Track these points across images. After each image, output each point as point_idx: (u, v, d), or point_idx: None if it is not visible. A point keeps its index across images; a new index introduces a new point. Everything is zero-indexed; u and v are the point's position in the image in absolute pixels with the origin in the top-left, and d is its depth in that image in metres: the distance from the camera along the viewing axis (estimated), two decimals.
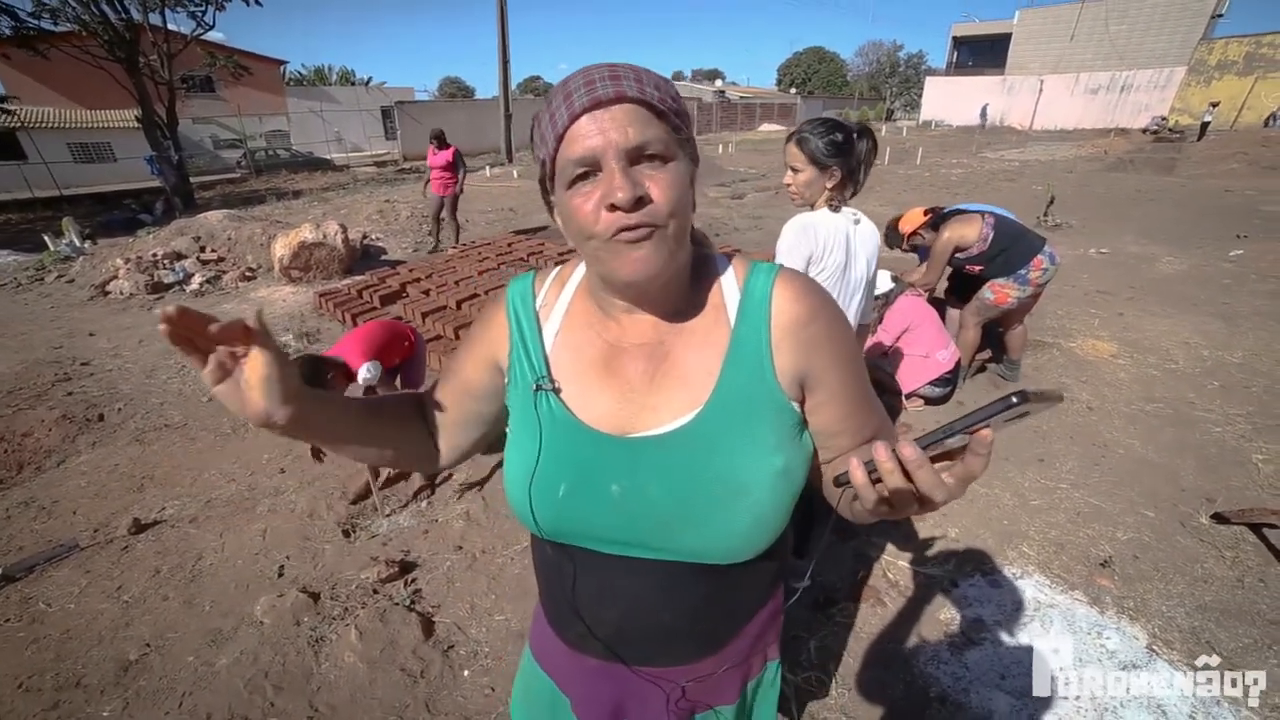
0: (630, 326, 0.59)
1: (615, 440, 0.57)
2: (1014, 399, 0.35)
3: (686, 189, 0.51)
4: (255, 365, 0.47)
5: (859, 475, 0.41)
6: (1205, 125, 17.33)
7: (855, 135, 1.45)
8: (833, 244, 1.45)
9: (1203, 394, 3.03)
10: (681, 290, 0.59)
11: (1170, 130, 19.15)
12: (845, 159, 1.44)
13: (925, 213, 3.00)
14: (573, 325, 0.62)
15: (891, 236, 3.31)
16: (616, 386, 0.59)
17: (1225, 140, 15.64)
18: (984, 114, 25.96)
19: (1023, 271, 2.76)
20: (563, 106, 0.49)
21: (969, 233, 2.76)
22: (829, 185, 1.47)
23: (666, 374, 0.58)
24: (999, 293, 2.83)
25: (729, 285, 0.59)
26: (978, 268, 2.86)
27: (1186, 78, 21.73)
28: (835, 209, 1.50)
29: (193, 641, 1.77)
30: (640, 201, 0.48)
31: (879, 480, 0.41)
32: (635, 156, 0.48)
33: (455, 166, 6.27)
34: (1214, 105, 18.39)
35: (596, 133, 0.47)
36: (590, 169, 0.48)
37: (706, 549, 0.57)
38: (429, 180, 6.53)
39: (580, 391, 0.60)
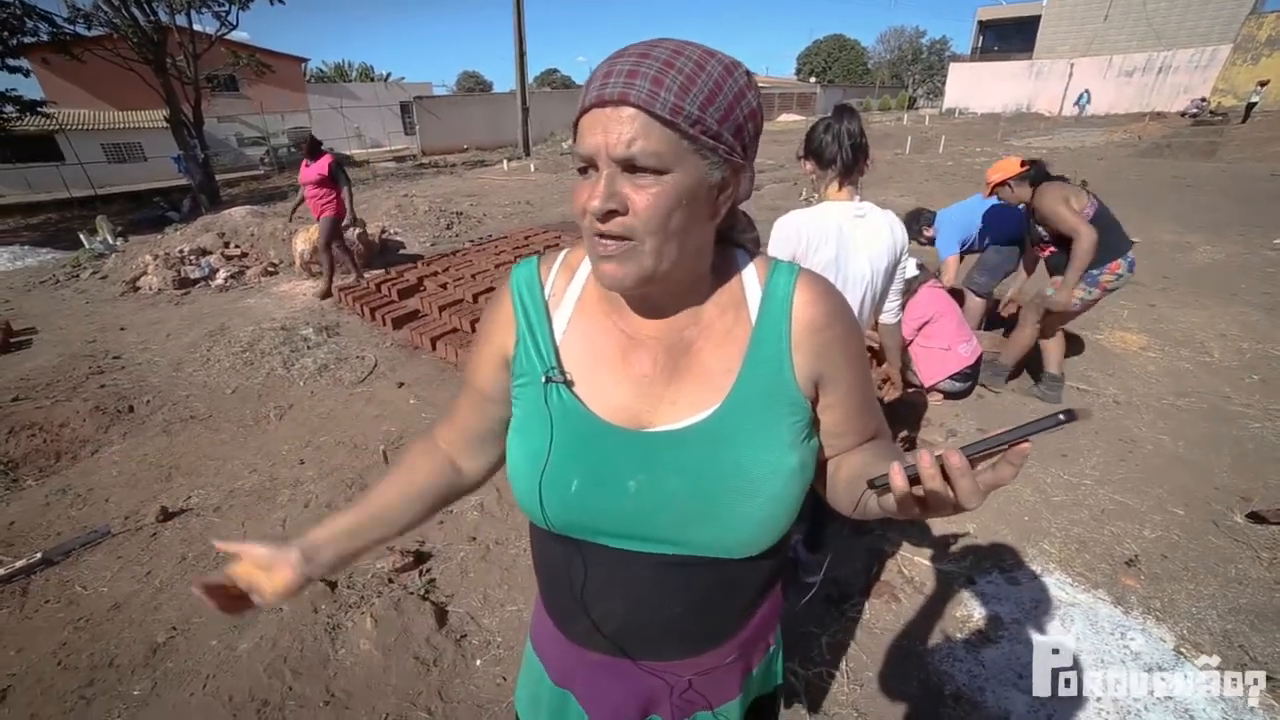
0: (648, 318, 0.59)
1: (632, 434, 0.57)
2: (1061, 416, 0.37)
3: (680, 203, 0.48)
4: (243, 581, 0.64)
5: (899, 480, 0.42)
6: (1251, 106, 16.46)
7: (824, 124, 1.46)
8: (820, 240, 1.42)
9: (1240, 388, 2.90)
10: (693, 291, 0.58)
11: (1211, 113, 18.27)
12: (813, 149, 1.48)
13: (1022, 164, 2.64)
14: (586, 315, 0.61)
15: (911, 228, 3.22)
16: (633, 379, 0.58)
17: (1273, 122, 14.85)
18: (1083, 102, 22.77)
19: (1095, 272, 2.47)
20: (585, 92, 0.49)
21: (1081, 199, 2.44)
22: (813, 177, 1.52)
23: (687, 368, 0.58)
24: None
25: (750, 283, 0.60)
26: (1050, 248, 2.58)
27: (1232, 56, 20.61)
28: (811, 200, 1.52)
29: (216, 627, 1.83)
30: (612, 214, 0.48)
31: (916, 483, 0.42)
32: (627, 165, 0.47)
33: (334, 181, 4.62)
34: (1262, 85, 17.44)
35: (598, 133, 0.47)
36: (589, 165, 0.49)
37: (722, 543, 0.57)
38: (301, 200, 4.91)
39: (594, 383, 0.59)
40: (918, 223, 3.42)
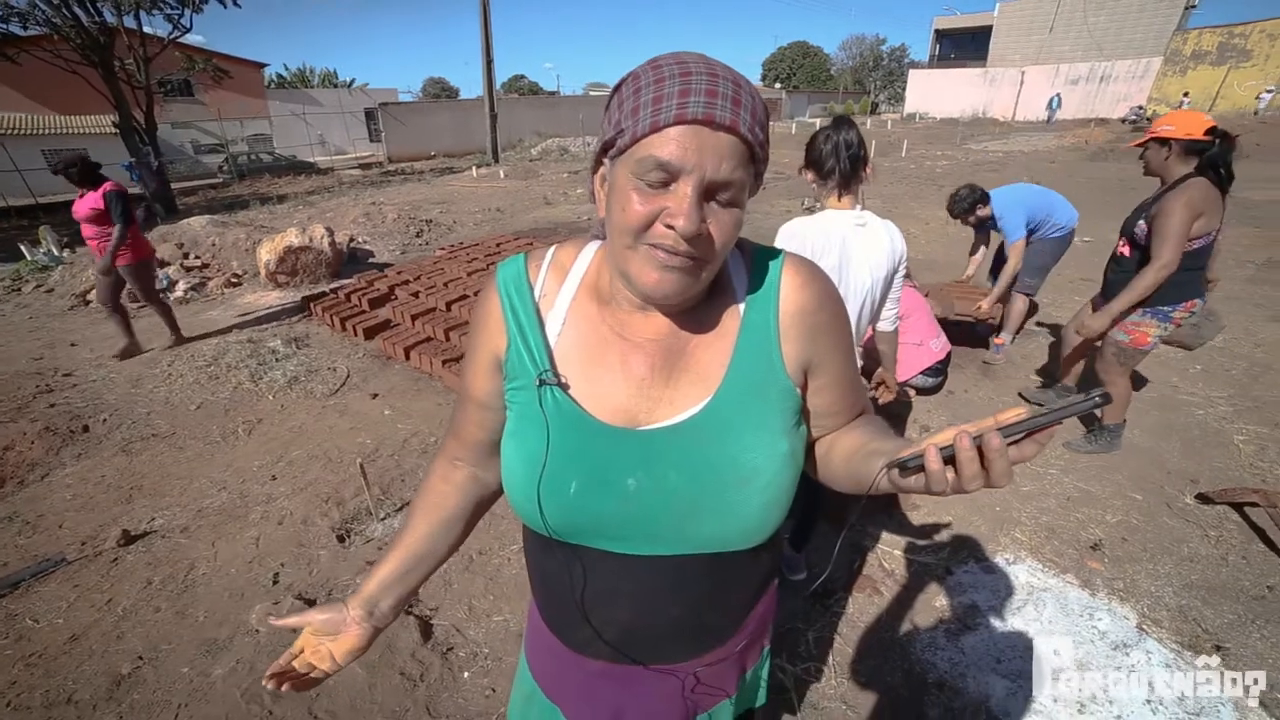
0: (645, 322, 0.59)
1: (629, 433, 0.57)
2: (1098, 398, 0.39)
3: (738, 230, 0.52)
4: (316, 657, 0.67)
5: (935, 463, 0.43)
6: None
7: (824, 135, 1.49)
8: (823, 248, 1.44)
9: (1185, 378, 3.09)
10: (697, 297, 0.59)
11: (1148, 119, 19.50)
12: (812, 159, 1.50)
13: (1209, 131, 2.01)
14: (580, 317, 0.60)
15: (961, 204, 3.28)
16: (630, 380, 0.58)
17: None
18: (1054, 106, 23.00)
19: (1169, 309, 2.16)
20: (674, 99, 0.46)
21: (1213, 220, 2.02)
22: (815, 186, 1.54)
23: (684, 368, 0.58)
24: (1135, 333, 2.21)
25: (737, 270, 0.60)
26: (1126, 248, 2.24)
27: (1163, 68, 22.04)
28: (812, 210, 1.52)
29: (187, 652, 1.75)
30: (698, 237, 0.48)
31: (949, 464, 0.43)
32: (714, 188, 0.48)
33: (109, 218, 3.52)
34: (1185, 96, 18.81)
35: (694, 150, 0.46)
36: (670, 177, 0.47)
37: (724, 535, 0.57)
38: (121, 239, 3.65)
39: (590, 385, 0.58)
40: (971, 199, 3.25)
